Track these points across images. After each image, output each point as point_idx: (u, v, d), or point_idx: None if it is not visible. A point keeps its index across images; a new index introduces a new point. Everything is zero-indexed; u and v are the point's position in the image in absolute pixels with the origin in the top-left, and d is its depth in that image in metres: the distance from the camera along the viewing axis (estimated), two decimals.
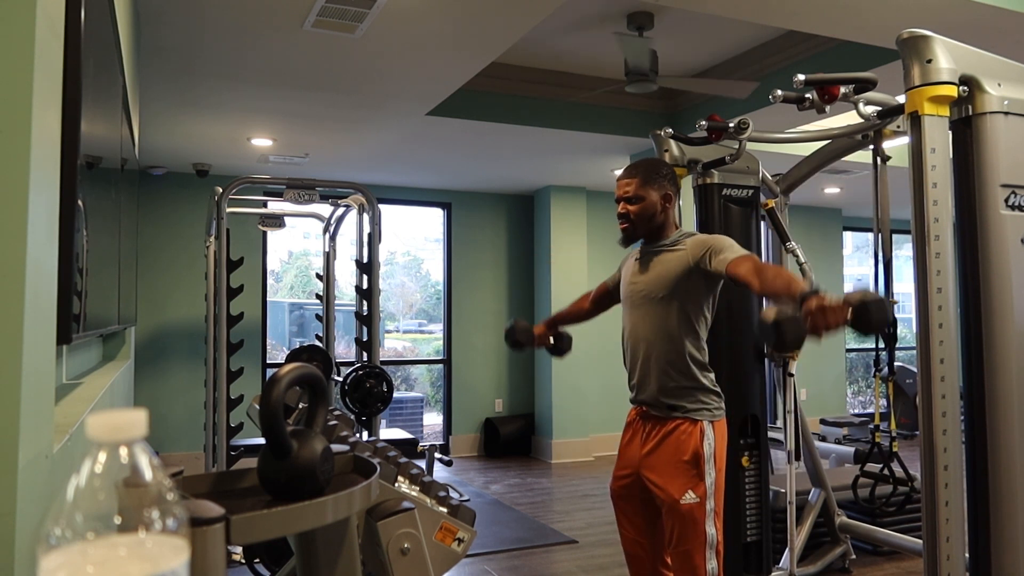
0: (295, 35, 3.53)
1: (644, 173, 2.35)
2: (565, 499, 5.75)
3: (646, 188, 2.33)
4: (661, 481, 2.26)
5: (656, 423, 2.31)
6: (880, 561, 4.16)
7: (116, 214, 2.16)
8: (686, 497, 2.21)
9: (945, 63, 2.13)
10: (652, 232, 2.36)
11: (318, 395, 1.32)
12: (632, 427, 2.42)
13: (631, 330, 2.40)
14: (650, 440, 2.31)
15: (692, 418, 2.25)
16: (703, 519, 2.21)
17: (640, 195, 2.33)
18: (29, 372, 0.84)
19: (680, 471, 2.23)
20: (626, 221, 2.35)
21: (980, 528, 2.17)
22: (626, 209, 2.35)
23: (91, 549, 0.48)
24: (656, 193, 2.33)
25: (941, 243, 2.14)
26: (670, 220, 2.38)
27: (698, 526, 2.21)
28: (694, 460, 2.22)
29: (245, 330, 5.32)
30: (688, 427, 2.24)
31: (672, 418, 2.27)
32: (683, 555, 2.23)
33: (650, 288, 2.32)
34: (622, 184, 2.37)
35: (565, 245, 7.33)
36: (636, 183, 2.33)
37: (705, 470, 2.22)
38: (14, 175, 0.83)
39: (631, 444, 2.39)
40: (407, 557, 1.67)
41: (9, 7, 0.84)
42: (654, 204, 2.33)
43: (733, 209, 3.38)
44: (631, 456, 2.38)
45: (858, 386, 9.81)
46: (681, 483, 2.22)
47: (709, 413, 2.26)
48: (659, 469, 2.27)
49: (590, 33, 4.38)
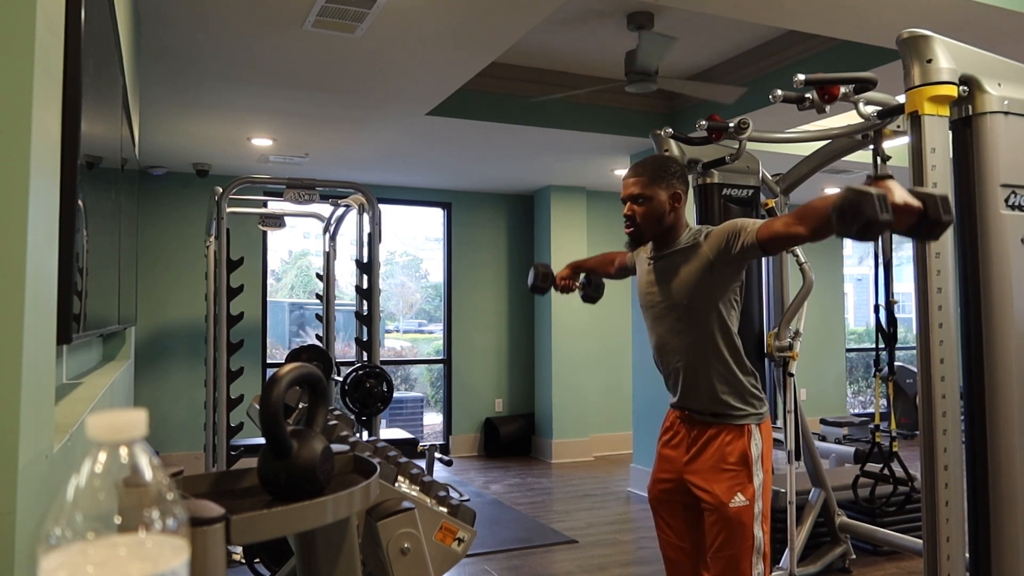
0: (295, 35, 3.53)
1: (652, 171, 2.20)
2: (565, 499, 5.75)
3: (654, 187, 2.18)
4: (708, 485, 2.17)
5: (701, 428, 2.21)
6: (880, 561, 4.16)
7: (116, 214, 2.16)
8: (735, 500, 2.12)
9: (945, 63, 2.13)
10: (661, 234, 2.22)
11: (318, 395, 1.32)
12: (673, 430, 2.32)
13: (660, 342, 2.28)
14: (695, 445, 2.22)
15: (738, 423, 2.17)
16: (751, 522, 2.13)
17: (647, 195, 2.18)
18: (29, 372, 0.84)
19: (728, 474, 2.14)
20: (632, 224, 2.21)
21: (980, 528, 2.17)
22: (632, 210, 2.20)
23: (91, 549, 0.48)
24: (665, 192, 2.19)
25: (941, 243, 2.14)
26: (681, 221, 2.23)
27: (746, 530, 2.13)
28: (742, 461, 2.14)
29: (245, 330, 5.32)
30: (734, 431, 2.17)
31: (717, 423, 2.19)
32: (729, 560, 2.13)
33: (671, 298, 2.20)
34: (628, 183, 2.22)
35: (565, 245, 7.33)
36: (643, 181, 2.19)
37: (754, 471, 2.14)
38: (14, 175, 0.83)
39: (674, 448, 2.29)
40: (407, 557, 1.67)
41: (9, 7, 0.84)
42: (662, 204, 2.18)
43: (733, 209, 3.39)
44: (674, 461, 2.28)
45: (858, 386, 9.81)
46: (729, 486, 2.13)
47: (757, 416, 2.19)
48: (705, 473, 2.18)
49: (590, 33, 4.38)
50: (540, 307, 7.49)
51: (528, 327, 7.69)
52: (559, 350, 7.25)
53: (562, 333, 7.26)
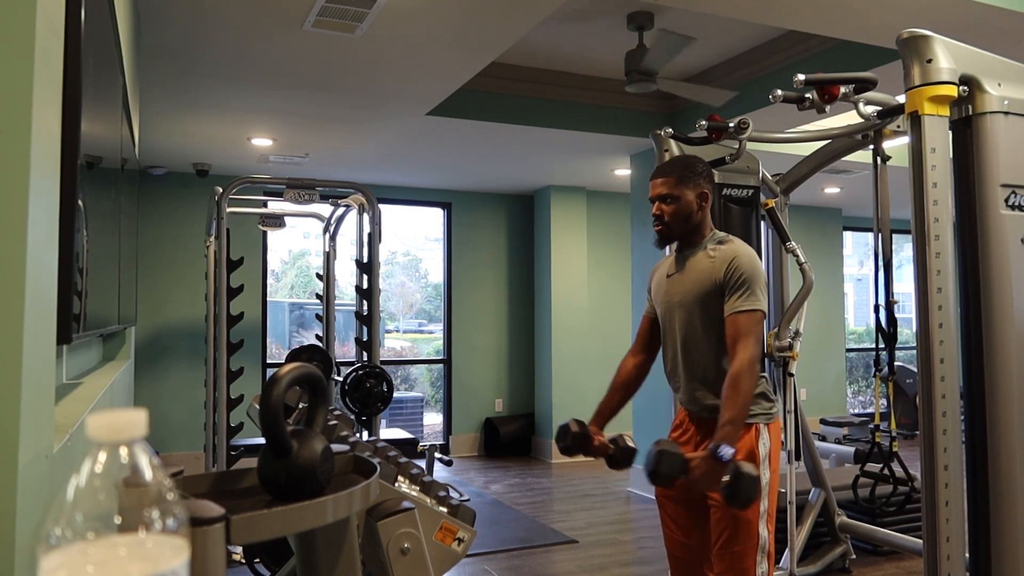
0: (295, 35, 3.53)
1: (679, 172, 2.25)
2: (565, 499, 5.75)
3: (681, 187, 2.24)
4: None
5: (710, 426, 2.20)
6: (880, 561, 4.16)
7: (116, 214, 2.16)
8: None
9: (945, 63, 2.13)
10: (688, 233, 2.27)
11: (318, 395, 1.32)
12: (683, 427, 2.33)
13: (671, 338, 2.31)
14: (704, 442, 2.21)
15: (747, 422, 2.16)
16: (756, 520, 2.14)
17: (675, 195, 2.23)
18: (29, 372, 0.84)
19: None
20: (660, 223, 2.26)
21: (980, 528, 2.17)
22: (661, 210, 2.26)
23: (91, 549, 0.48)
24: (692, 192, 2.24)
25: (941, 243, 2.14)
26: (706, 220, 2.29)
27: (751, 528, 2.14)
28: (749, 460, 2.13)
29: (245, 330, 5.32)
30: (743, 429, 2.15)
31: None
32: (733, 557, 2.14)
33: (686, 294, 2.25)
34: (656, 184, 2.28)
35: (565, 245, 7.33)
36: (671, 182, 2.24)
37: (760, 470, 2.14)
38: (14, 175, 0.83)
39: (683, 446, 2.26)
40: (407, 557, 1.67)
41: (9, 7, 0.84)
42: (690, 204, 2.24)
43: (733, 209, 3.39)
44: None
45: (858, 386, 9.81)
46: None
47: (765, 416, 2.20)
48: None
49: (590, 33, 4.38)
50: (540, 307, 7.50)
51: (528, 327, 7.69)
52: (559, 350, 7.24)
53: (562, 333, 7.26)
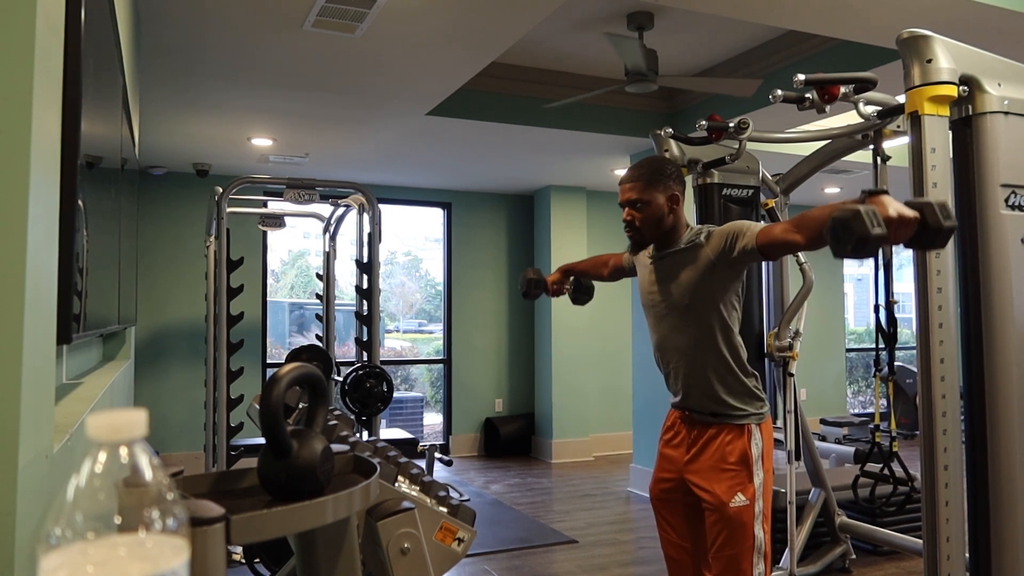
0: (295, 35, 3.53)
1: (648, 175, 2.21)
2: (565, 499, 5.75)
3: (650, 191, 2.19)
4: (708, 485, 2.17)
5: (702, 427, 2.23)
6: (880, 561, 4.16)
7: (116, 214, 2.16)
8: (735, 500, 2.13)
9: (945, 63, 2.13)
10: (662, 236, 2.23)
11: (318, 395, 1.32)
12: (674, 429, 2.33)
13: (662, 342, 2.29)
14: (696, 444, 2.23)
15: (738, 423, 2.18)
16: (752, 522, 2.14)
17: (645, 199, 2.19)
18: (29, 372, 0.84)
19: (728, 474, 2.15)
20: (632, 229, 2.23)
21: (980, 528, 2.17)
22: (631, 216, 2.22)
23: (91, 549, 0.48)
24: (662, 195, 2.19)
25: None
26: (681, 221, 2.24)
27: (747, 529, 2.14)
28: (742, 461, 2.15)
29: (245, 330, 5.32)
30: (734, 430, 2.18)
31: (717, 423, 2.21)
32: (729, 559, 2.14)
33: (672, 298, 2.21)
34: (625, 189, 2.23)
35: (565, 245, 7.33)
36: (639, 187, 2.20)
37: (754, 471, 2.15)
38: (14, 175, 0.83)
39: (675, 448, 2.31)
40: (407, 557, 1.67)
41: (9, 7, 0.84)
42: (660, 207, 2.20)
43: (733, 209, 3.38)
44: (674, 460, 2.30)
45: (858, 386, 9.81)
46: (729, 486, 2.14)
47: (757, 416, 2.20)
48: (705, 473, 2.19)
49: (590, 33, 4.38)
50: (540, 307, 7.49)
51: (528, 327, 7.69)
52: (559, 350, 7.25)
53: (562, 333, 7.26)
